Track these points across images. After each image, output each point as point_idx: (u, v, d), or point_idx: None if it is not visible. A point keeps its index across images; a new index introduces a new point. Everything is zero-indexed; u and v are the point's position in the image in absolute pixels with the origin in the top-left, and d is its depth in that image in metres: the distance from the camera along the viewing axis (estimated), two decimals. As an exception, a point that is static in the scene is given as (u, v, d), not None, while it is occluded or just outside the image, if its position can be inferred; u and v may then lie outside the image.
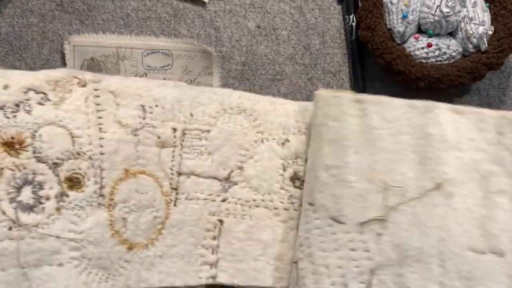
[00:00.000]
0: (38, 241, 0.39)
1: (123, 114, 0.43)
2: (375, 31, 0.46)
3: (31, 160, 0.39)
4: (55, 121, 0.40)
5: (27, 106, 0.39)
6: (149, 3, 0.50)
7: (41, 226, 0.39)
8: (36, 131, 0.39)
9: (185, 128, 0.44)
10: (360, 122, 0.41)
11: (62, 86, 0.41)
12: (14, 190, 0.38)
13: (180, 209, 0.44)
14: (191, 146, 0.45)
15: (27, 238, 0.38)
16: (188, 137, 0.44)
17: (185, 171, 0.44)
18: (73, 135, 0.40)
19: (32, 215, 0.39)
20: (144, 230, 0.43)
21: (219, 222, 0.45)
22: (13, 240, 0.38)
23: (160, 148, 0.44)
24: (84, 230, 0.40)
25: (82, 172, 0.40)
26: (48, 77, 0.40)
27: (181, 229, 0.44)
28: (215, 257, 0.45)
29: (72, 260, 0.40)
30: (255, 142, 0.46)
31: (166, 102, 0.44)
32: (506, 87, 0.50)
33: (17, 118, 0.39)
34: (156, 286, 0.43)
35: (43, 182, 0.39)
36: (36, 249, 0.39)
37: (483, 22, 0.46)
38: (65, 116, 0.40)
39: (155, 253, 0.43)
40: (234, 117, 0.46)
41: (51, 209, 0.39)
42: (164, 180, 0.44)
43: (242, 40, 0.50)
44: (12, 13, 0.49)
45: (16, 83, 0.39)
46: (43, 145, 0.39)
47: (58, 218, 0.39)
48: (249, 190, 0.45)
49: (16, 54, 0.49)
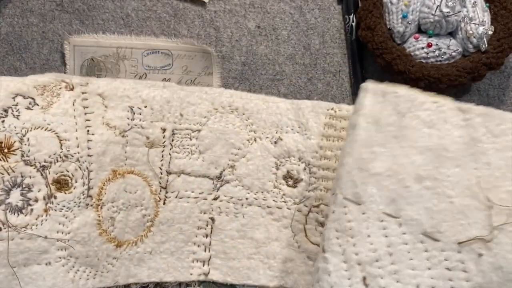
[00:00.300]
0: (27, 241, 0.40)
1: (111, 116, 0.44)
2: (375, 31, 0.46)
3: (19, 164, 0.40)
4: (43, 125, 0.41)
5: (15, 111, 0.40)
6: (149, 3, 0.50)
7: (30, 227, 0.40)
8: (24, 135, 0.40)
9: (174, 128, 0.45)
10: (464, 133, 0.39)
11: (50, 90, 0.42)
12: (3, 193, 0.39)
13: (170, 207, 0.45)
14: (181, 145, 0.46)
15: (16, 238, 0.40)
16: (178, 137, 0.45)
17: (175, 170, 0.45)
18: (60, 138, 0.41)
19: (21, 216, 0.40)
20: (133, 228, 0.44)
21: (210, 220, 0.46)
22: (3, 241, 0.39)
23: (148, 148, 0.45)
24: (72, 230, 0.41)
25: (70, 174, 0.42)
26: (36, 82, 0.42)
27: (171, 227, 0.45)
28: (208, 255, 0.45)
29: (59, 259, 0.41)
30: (247, 141, 0.46)
31: (155, 103, 0.45)
32: (506, 87, 0.50)
33: (5, 123, 0.40)
34: (145, 281, 0.45)
35: (31, 185, 0.40)
36: (25, 249, 0.40)
37: (483, 22, 0.46)
38: (52, 119, 0.41)
39: (144, 249, 0.45)
40: (226, 116, 0.46)
41: (40, 211, 0.41)
42: (153, 179, 0.45)
43: (242, 40, 0.50)
44: (12, 13, 0.49)
45: (4, 89, 0.40)
46: (31, 149, 0.40)
47: (46, 219, 0.41)
48: (242, 189, 0.46)
49: (16, 54, 0.49)
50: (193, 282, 0.46)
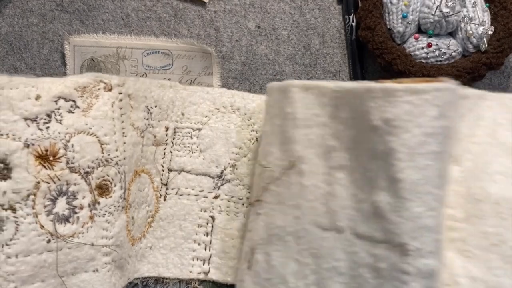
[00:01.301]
0: (75, 250, 0.39)
1: (135, 116, 0.43)
2: (375, 31, 0.46)
3: (64, 171, 0.38)
4: (85, 129, 0.39)
5: (58, 115, 0.39)
6: (149, 3, 0.50)
7: (77, 236, 0.39)
8: (68, 141, 0.39)
9: (176, 126, 0.46)
10: None
11: (89, 91, 0.40)
12: (50, 203, 0.38)
13: (170, 203, 0.46)
14: (182, 143, 0.46)
15: (64, 248, 0.39)
16: (179, 135, 0.46)
17: (175, 168, 0.46)
18: (101, 142, 0.40)
19: (68, 225, 0.39)
20: (140, 225, 0.45)
21: (211, 218, 0.46)
22: (52, 252, 0.38)
23: (155, 147, 0.45)
24: (114, 235, 0.41)
25: (110, 178, 0.40)
26: (77, 83, 0.40)
27: (170, 223, 0.46)
28: (208, 253, 0.45)
29: (105, 265, 0.41)
30: (249, 141, 0.46)
31: (163, 102, 0.45)
32: (506, 87, 0.50)
33: (50, 130, 0.38)
34: (145, 275, 0.45)
35: (77, 192, 0.39)
36: (73, 258, 0.39)
37: (483, 22, 0.46)
38: (93, 123, 0.40)
39: (146, 244, 0.45)
40: (228, 116, 0.47)
41: (85, 218, 0.39)
42: (156, 176, 0.45)
43: (242, 40, 0.50)
44: (12, 13, 0.49)
45: (47, 92, 0.38)
46: (76, 155, 0.39)
47: (91, 226, 0.40)
48: (243, 188, 0.46)
49: (16, 54, 0.49)
50: (193, 281, 0.46)
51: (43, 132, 0.38)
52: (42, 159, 0.38)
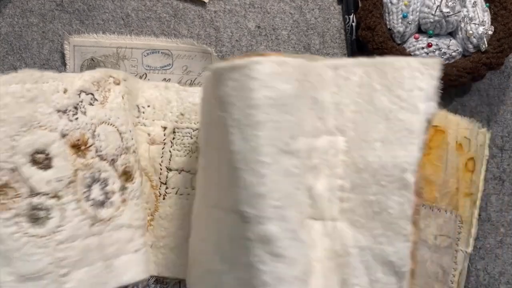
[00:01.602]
0: (115, 232, 0.42)
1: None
2: (375, 31, 0.46)
3: (95, 159, 0.41)
4: (105, 120, 0.42)
5: (82, 107, 0.41)
6: (149, 3, 0.50)
7: (113, 219, 0.41)
8: (94, 131, 0.41)
9: (176, 126, 0.46)
10: None
11: (102, 86, 0.43)
12: (87, 189, 0.40)
13: (169, 202, 0.46)
14: (182, 143, 0.46)
15: (105, 232, 0.41)
16: (178, 135, 0.46)
17: (175, 167, 0.46)
18: (120, 132, 0.43)
19: (105, 210, 0.41)
20: None
21: None
22: (95, 236, 0.40)
23: (149, 145, 0.46)
24: (144, 217, 0.44)
25: (131, 165, 0.43)
26: (93, 78, 0.42)
27: (170, 222, 0.46)
28: None
29: (142, 246, 0.43)
30: None
31: (156, 102, 0.46)
32: (506, 87, 0.50)
33: (79, 120, 0.40)
34: None
35: (107, 178, 0.42)
36: (115, 241, 0.41)
37: (483, 22, 0.46)
38: (111, 114, 0.42)
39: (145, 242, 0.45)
40: None
41: (118, 202, 0.42)
42: (154, 175, 0.46)
43: (242, 40, 0.50)
44: (12, 13, 0.49)
45: (70, 86, 0.41)
46: (102, 144, 0.41)
47: (124, 210, 0.42)
48: None
49: (16, 54, 0.49)
50: None
51: (73, 123, 0.40)
52: (76, 148, 0.40)
